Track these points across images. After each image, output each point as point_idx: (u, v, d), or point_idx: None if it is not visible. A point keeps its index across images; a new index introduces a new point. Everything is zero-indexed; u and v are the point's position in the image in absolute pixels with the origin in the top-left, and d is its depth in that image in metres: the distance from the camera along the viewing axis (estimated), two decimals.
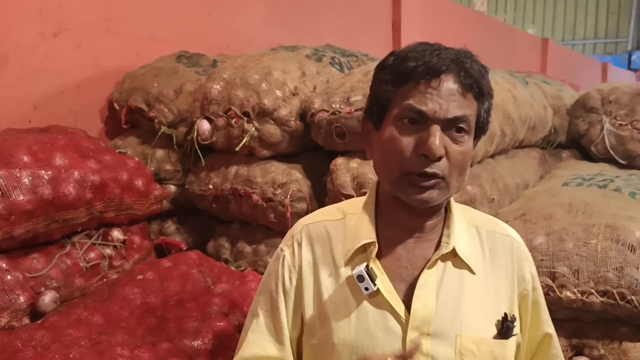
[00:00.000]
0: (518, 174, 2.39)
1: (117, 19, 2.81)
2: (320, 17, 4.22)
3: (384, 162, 1.10)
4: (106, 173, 2.08)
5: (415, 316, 1.08)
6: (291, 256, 1.18)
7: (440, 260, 1.12)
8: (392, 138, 1.06)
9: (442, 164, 1.04)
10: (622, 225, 1.80)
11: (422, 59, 1.05)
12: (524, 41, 8.24)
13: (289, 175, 2.24)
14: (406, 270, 1.12)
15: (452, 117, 1.03)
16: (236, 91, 2.27)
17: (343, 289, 1.12)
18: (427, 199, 1.06)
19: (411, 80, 1.05)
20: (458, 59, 1.06)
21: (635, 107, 2.79)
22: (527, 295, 1.19)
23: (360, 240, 1.13)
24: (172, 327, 1.75)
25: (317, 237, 1.18)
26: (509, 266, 1.17)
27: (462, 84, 1.05)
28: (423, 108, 1.03)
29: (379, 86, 1.11)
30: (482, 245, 1.17)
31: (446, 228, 1.15)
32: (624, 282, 1.70)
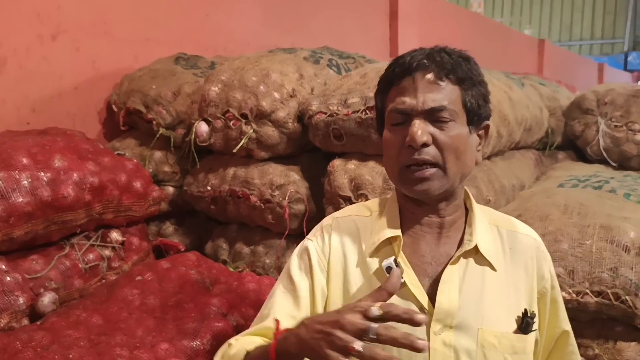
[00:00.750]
0: (514, 175, 2.41)
1: (115, 21, 2.82)
2: (317, 19, 4.23)
3: (387, 163, 1.19)
4: (105, 175, 2.09)
5: (439, 309, 1.12)
6: (321, 244, 1.24)
7: (462, 257, 1.17)
8: (386, 139, 1.17)
9: (432, 151, 1.10)
10: (616, 226, 1.82)
11: (398, 62, 1.16)
12: (520, 42, 8.27)
13: (286, 177, 2.25)
14: (430, 266, 1.17)
15: (429, 108, 1.11)
16: (234, 93, 2.28)
17: (370, 280, 1.17)
18: (426, 190, 1.12)
19: (393, 85, 1.16)
20: (430, 54, 1.15)
21: (631, 108, 2.81)
22: (546, 293, 1.24)
23: (386, 234, 1.18)
24: (171, 327, 1.76)
25: (346, 229, 1.24)
26: (529, 264, 1.22)
27: (436, 75, 1.12)
28: (402, 107, 1.12)
29: (376, 97, 1.22)
30: (502, 244, 1.22)
31: (468, 226, 1.20)
32: (618, 282, 1.72)
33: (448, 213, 1.18)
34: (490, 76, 2.52)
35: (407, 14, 5.13)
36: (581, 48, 17.63)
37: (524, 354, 1.15)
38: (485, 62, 3.72)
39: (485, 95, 1.20)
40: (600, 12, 17.60)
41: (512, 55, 7.57)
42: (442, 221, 1.18)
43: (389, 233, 1.18)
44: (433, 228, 1.19)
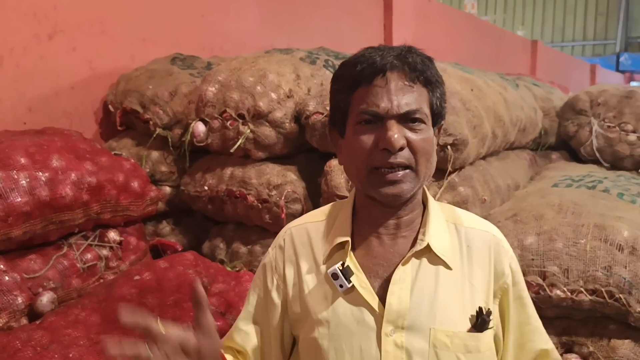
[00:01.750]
0: (509, 175, 2.43)
1: (112, 21, 2.81)
2: (312, 20, 4.24)
3: (352, 164, 1.15)
4: (102, 175, 2.09)
5: (390, 310, 1.11)
6: (273, 259, 1.26)
7: (414, 257, 1.15)
8: (355, 140, 1.12)
9: (406, 154, 1.09)
10: (610, 225, 1.84)
11: (367, 62, 1.11)
12: (513, 43, 8.31)
13: (283, 177, 2.26)
14: (382, 267, 1.16)
15: (404, 111, 1.09)
16: (231, 93, 2.29)
17: (322, 285, 1.18)
18: (398, 193, 1.11)
19: (361, 85, 1.12)
20: (400, 55, 1.12)
21: (623, 109, 2.84)
22: (508, 289, 1.21)
23: (336, 240, 1.18)
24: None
25: (298, 238, 1.25)
26: (486, 261, 1.19)
27: (408, 77, 1.11)
28: (375, 109, 1.09)
29: (336, 96, 1.18)
30: (460, 242, 1.20)
31: (423, 226, 1.18)
32: (612, 280, 1.74)
33: (405, 213, 1.17)
34: (485, 77, 2.54)
35: (402, 14, 5.15)
36: (573, 49, 17.72)
37: (478, 352, 1.13)
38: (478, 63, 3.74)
39: (444, 95, 1.19)
40: (592, 13, 17.69)
41: (506, 56, 7.61)
42: (399, 221, 1.17)
43: (340, 238, 1.18)
44: (389, 229, 1.18)
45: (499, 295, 1.20)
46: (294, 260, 1.23)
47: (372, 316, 1.13)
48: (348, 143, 1.15)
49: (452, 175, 2.03)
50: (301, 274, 1.21)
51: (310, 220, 1.28)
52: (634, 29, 17.62)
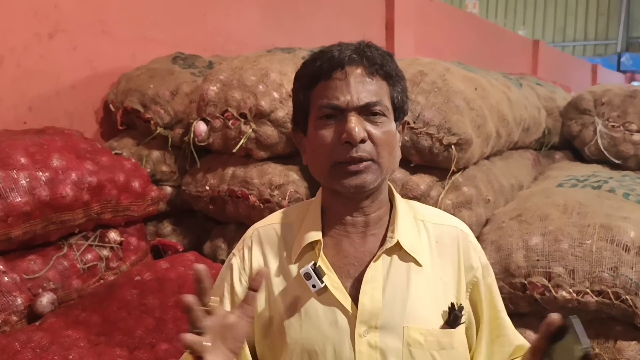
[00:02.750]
0: (513, 175, 2.41)
1: (113, 20, 2.80)
2: (314, 19, 4.23)
3: (315, 160, 1.14)
4: (103, 174, 2.08)
5: (362, 310, 1.10)
6: (241, 260, 1.21)
7: (385, 255, 1.14)
8: (316, 136, 1.11)
9: (368, 147, 1.08)
10: (616, 226, 1.82)
11: (325, 57, 1.11)
12: (515, 43, 8.29)
13: (286, 177, 2.24)
14: (353, 267, 1.14)
15: (364, 103, 1.08)
16: (233, 93, 2.28)
17: (292, 287, 1.15)
18: (361, 184, 1.09)
19: (320, 80, 1.11)
20: (358, 49, 1.12)
21: (628, 108, 2.82)
22: (478, 282, 1.21)
23: (306, 240, 1.15)
24: (170, 328, 1.75)
25: (266, 239, 1.21)
26: (455, 256, 1.19)
27: (367, 70, 1.10)
28: (336, 102, 1.08)
29: (298, 93, 1.16)
30: (429, 238, 1.19)
31: (391, 223, 1.18)
32: (618, 281, 1.72)
33: (373, 210, 1.16)
34: (488, 76, 2.52)
35: (404, 14, 5.13)
36: (574, 49, 17.71)
37: (452, 348, 1.13)
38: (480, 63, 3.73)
39: (406, 91, 1.19)
40: (593, 13, 17.67)
41: (507, 56, 7.59)
42: (367, 219, 1.16)
43: (310, 238, 1.15)
44: (358, 227, 1.16)
45: (469, 289, 1.20)
46: (262, 262, 1.19)
47: (345, 317, 1.11)
48: (310, 140, 1.13)
49: (456, 175, 2.01)
50: (269, 276, 1.17)
51: (277, 220, 1.24)
52: (635, 29, 17.60)
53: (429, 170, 2.04)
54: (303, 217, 1.21)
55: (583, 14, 17.71)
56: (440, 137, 1.93)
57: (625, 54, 16.96)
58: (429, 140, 1.95)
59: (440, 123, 1.96)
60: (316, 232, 1.16)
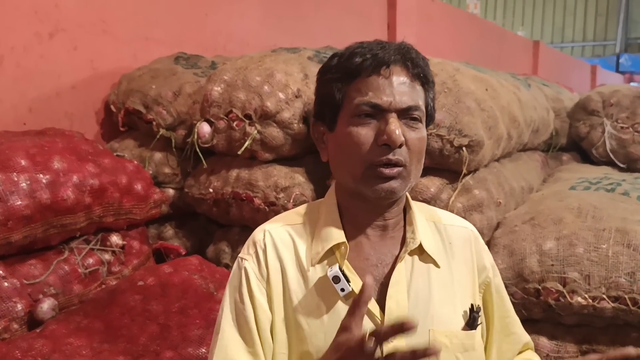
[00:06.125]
0: (522, 177, 2.37)
1: (114, 19, 2.76)
2: (316, 19, 4.19)
3: (344, 159, 1.08)
4: (105, 177, 2.04)
5: (390, 315, 1.06)
6: (256, 263, 1.12)
7: (408, 256, 1.12)
8: (350, 134, 1.06)
9: (403, 151, 1.05)
10: (632, 230, 1.78)
11: (370, 53, 1.06)
12: (515, 43, 8.27)
13: (291, 179, 2.20)
14: (376, 269, 1.11)
15: (406, 106, 1.05)
16: (237, 93, 2.23)
17: (313, 293, 1.09)
18: (392, 189, 1.06)
19: (361, 75, 1.06)
20: (402, 50, 1.08)
21: (637, 110, 2.78)
22: (490, 283, 1.21)
23: (330, 242, 1.11)
24: (175, 334, 1.71)
25: (281, 241, 1.14)
26: (468, 257, 1.19)
27: (411, 73, 1.07)
28: (378, 101, 1.04)
29: (328, 86, 1.11)
30: (442, 239, 1.18)
31: (409, 225, 1.15)
32: (635, 287, 1.68)
33: (391, 215, 1.13)
34: (498, 77, 2.48)
35: (405, 14, 5.11)
36: (573, 50, 17.70)
37: (474, 350, 1.12)
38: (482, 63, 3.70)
39: (435, 98, 1.16)
40: (592, 14, 17.67)
41: (508, 57, 7.57)
42: (386, 223, 1.13)
43: (334, 240, 1.10)
44: (376, 230, 1.13)
45: (482, 290, 1.20)
46: (278, 265, 1.12)
47: (372, 322, 1.07)
48: (341, 137, 1.08)
49: (467, 177, 1.97)
50: (286, 280, 1.11)
51: (287, 222, 1.18)
52: (634, 30, 17.61)
53: (439, 173, 2.00)
54: (316, 219, 1.16)
55: (582, 14, 17.72)
56: (451, 139, 1.88)
57: (623, 54, 16.95)
58: (439, 142, 1.91)
59: (451, 124, 1.91)
60: (339, 233, 1.11)
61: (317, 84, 1.16)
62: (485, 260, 1.22)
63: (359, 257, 1.11)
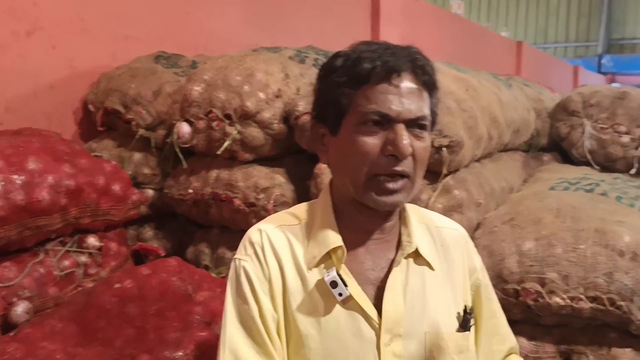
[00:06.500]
0: (503, 177, 2.38)
1: (93, 18, 2.73)
2: (298, 18, 4.18)
3: (348, 166, 1.07)
4: (82, 177, 2.00)
5: (387, 319, 1.07)
6: (257, 264, 1.10)
7: (403, 259, 1.12)
8: (356, 142, 1.04)
9: (409, 162, 1.04)
10: (611, 230, 1.79)
11: (380, 59, 1.03)
12: (499, 44, 8.33)
13: (271, 180, 2.19)
14: (373, 273, 1.11)
15: (415, 117, 1.03)
16: (217, 93, 2.21)
17: (311, 296, 1.08)
18: (396, 202, 1.06)
19: (369, 82, 1.04)
20: (412, 56, 1.06)
21: (616, 110, 2.80)
22: (480, 284, 1.22)
23: (328, 245, 1.09)
24: (152, 337, 1.68)
25: (278, 241, 1.12)
26: (460, 259, 1.20)
27: (420, 81, 1.06)
28: (387, 111, 1.02)
29: (334, 90, 1.07)
30: (434, 242, 1.18)
31: (404, 227, 1.15)
32: (613, 287, 1.68)
33: (390, 219, 1.13)
34: (479, 77, 2.49)
35: (389, 14, 5.11)
36: (556, 50, 17.85)
37: (468, 351, 1.13)
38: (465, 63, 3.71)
39: (438, 103, 1.14)
40: (574, 15, 17.84)
41: (491, 57, 7.61)
42: (383, 227, 1.12)
43: (332, 243, 1.09)
44: (374, 234, 1.12)
45: (473, 291, 1.21)
46: (277, 265, 1.11)
47: (370, 326, 1.07)
48: (345, 143, 1.07)
49: (447, 178, 1.97)
50: (286, 282, 1.10)
51: (283, 223, 1.16)
52: (616, 31, 17.81)
53: None
54: (311, 220, 1.15)
55: (565, 15, 17.88)
56: (431, 139, 1.88)
57: (605, 55, 17.13)
58: None
59: None
60: (336, 237, 1.10)
61: (319, 84, 1.13)
62: (475, 261, 1.23)
63: (355, 260, 1.11)
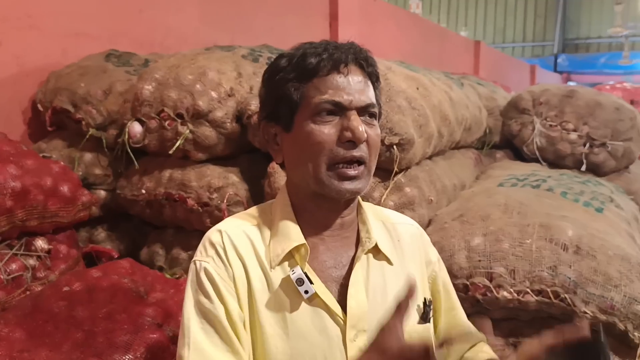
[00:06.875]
0: (455, 174, 2.41)
1: (41, 14, 2.66)
2: (256, 16, 4.15)
3: (305, 159, 1.09)
4: (28, 179, 1.95)
5: (352, 314, 1.09)
6: (219, 265, 1.10)
7: (364, 255, 1.14)
8: (312, 132, 1.07)
9: (364, 148, 1.08)
10: (555, 225, 1.84)
11: (325, 52, 1.08)
12: (457, 43, 8.44)
13: (225, 179, 2.17)
14: (335, 271, 1.13)
15: (365, 104, 1.08)
16: (169, 92, 2.18)
17: (276, 294, 1.09)
18: (356, 189, 1.09)
19: (318, 74, 1.08)
20: (356, 49, 1.11)
21: (565, 108, 2.88)
22: (436, 277, 1.27)
23: (290, 243, 1.10)
24: (100, 341, 1.65)
25: (239, 242, 1.12)
26: (416, 253, 1.24)
27: (365, 72, 1.11)
28: (339, 99, 1.06)
29: (283, 87, 1.10)
30: (391, 237, 1.22)
31: (362, 224, 1.17)
32: (557, 280, 1.73)
33: (348, 212, 1.15)
34: (430, 76, 2.52)
35: (347, 13, 5.13)
36: (514, 50, 18.22)
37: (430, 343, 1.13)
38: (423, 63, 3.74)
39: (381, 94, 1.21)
40: (531, 16, 18.24)
41: (449, 56, 7.71)
42: (343, 221, 1.15)
43: (294, 242, 1.10)
44: (334, 230, 1.14)
45: (429, 283, 1.25)
46: (241, 265, 1.10)
47: (335, 323, 1.08)
48: (300, 137, 1.09)
49: (398, 175, 1.99)
50: (250, 282, 1.09)
51: (242, 223, 1.16)
52: (571, 31, 18.28)
53: None
54: (270, 220, 1.15)
55: (522, 16, 18.25)
56: (382, 137, 1.90)
57: (561, 55, 17.58)
58: None
59: (382, 123, 1.92)
60: (298, 235, 1.11)
61: (265, 86, 1.15)
62: (431, 254, 1.27)
63: (317, 259, 1.12)
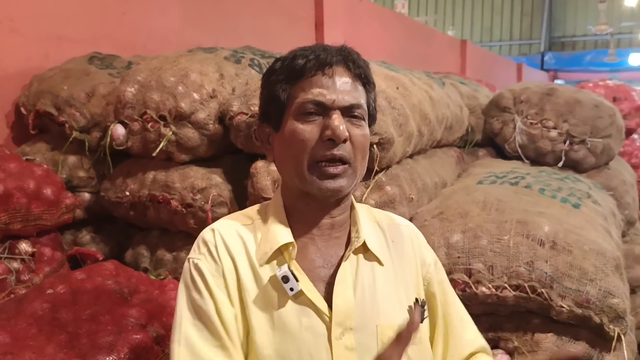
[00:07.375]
0: (436, 173, 2.44)
1: (23, 17, 2.65)
2: (241, 18, 4.16)
3: (290, 157, 1.12)
4: (10, 182, 1.96)
5: (337, 312, 1.10)
6: (212, 263, 1.13)
7: (352, 255, 1.16)
8: (296, 131, 1.10)
9: (347, 147, 1.09)
10: (532, 221, 1.87)
11: (313, 54, 1.12)
12: (443, 42, 8.48)
13: (208, 180, 2.19)
14: (323, 270, 1.15)
15: (349, 104, 1.10)
16: (152, 94, 2.20)
17: (264, 292, 1.11)
18: (338, 188, 1.10)
19: (305, 75, 1.11)
20: (344, 52, 1.14)
21: (545, 106, 2.92)
22: (432, 278, 1.26)
23: (278, 242, 1.13)
24: (84, 342, 1.66)
25: (231, 240, 1.16)
26: (411, 254, 1.24)
27: (352, 74, 1.13)
28: (322, 99, 1.09)
29: (273, 88, 1.14)
30: (385, 238, 1.23)
31: (353, 224, 1.19)
32: (534, 275, 1.76)
33: (339, 213, 1.17)
34: (411, 75, 2.55)
35: (333, 13, 5.14)
36: (501, 49, 18.36)
37: (421, 343, 1.17)
38: (409, 62, 3.76)
39: (376, 99, 1.22)
40: (518, 14, 18.38)
41: (436, 56, 7.75)
42: (333, 222, 1.17)
43: (282, 240, 1.13)
44: (323, 230, 1.16)
45: (425, 284, 1.25)
46: (231, 262, 1.13)
47: (321, 320, 1.10)
48: (286, 136, 1.12)
49: (379, 174, 2.02)
50: (240, 279, 1.12)
51: (237, 223, 1.20)
52: (557, 29, 18.44)
53: None
54: (264, 220, 1.19)
55: (508, 15, 18.39)
56: None
57: (548, 53, 17.74)
58: None
59: None
60: (286, 234, 1.14)
61: (261, 88, 1.19)
62: (426, 255, 1.27)
63: (306, 259, 1.15)
